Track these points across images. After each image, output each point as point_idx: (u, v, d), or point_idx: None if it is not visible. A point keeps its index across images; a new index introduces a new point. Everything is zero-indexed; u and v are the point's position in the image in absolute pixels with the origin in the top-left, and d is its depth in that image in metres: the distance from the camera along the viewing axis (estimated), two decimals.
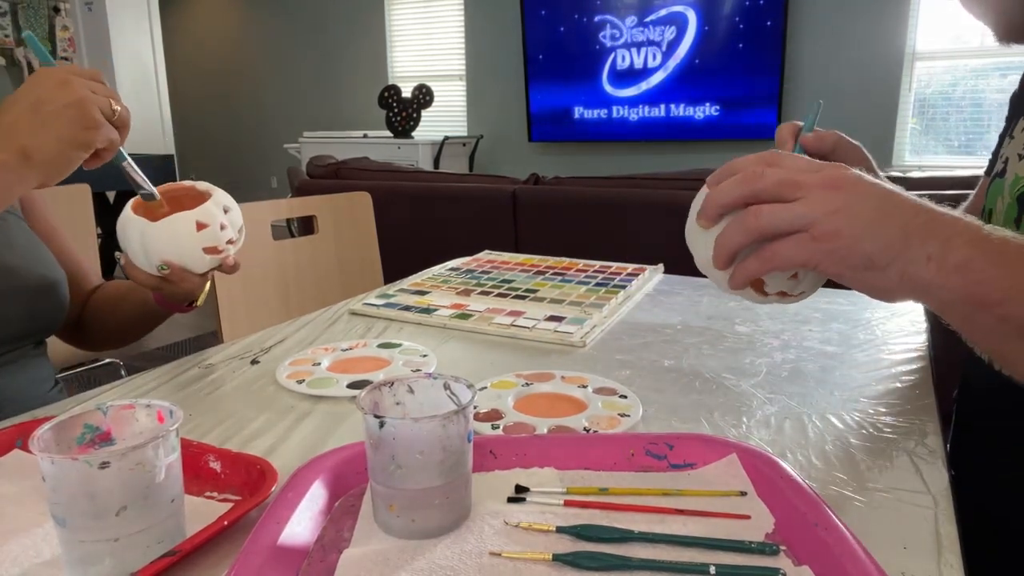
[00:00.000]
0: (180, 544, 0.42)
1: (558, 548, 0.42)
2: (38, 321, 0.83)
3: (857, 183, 0.47)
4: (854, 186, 0.46)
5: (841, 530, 0.40)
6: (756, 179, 0.48)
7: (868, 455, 0.56)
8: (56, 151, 0.62)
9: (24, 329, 0.82)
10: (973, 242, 0.45)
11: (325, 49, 6.17)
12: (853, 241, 0.45)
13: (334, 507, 0.47)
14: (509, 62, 5.34)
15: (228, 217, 0.76)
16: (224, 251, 0.75)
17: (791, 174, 0.47)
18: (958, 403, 0.83)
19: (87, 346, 0.94)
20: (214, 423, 0.63)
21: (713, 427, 0.62)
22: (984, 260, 0.44)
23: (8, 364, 0.81)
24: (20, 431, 0.57)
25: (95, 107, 0.63)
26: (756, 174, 0.48)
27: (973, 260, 0.44)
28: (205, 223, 0.73)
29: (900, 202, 0.46)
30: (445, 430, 0.43)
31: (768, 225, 0.47)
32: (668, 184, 2.17)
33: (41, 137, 0.61)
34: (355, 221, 1.46)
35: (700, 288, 1.10)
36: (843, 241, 0.45)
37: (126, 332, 0.95)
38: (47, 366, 0.88)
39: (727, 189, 0.49)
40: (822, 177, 0.47)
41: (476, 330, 0.90)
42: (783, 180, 0.47)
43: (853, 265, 0.46)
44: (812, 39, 4.40)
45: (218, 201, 0.75)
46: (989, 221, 0.72)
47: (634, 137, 5.00)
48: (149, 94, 5.37)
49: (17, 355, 0.82)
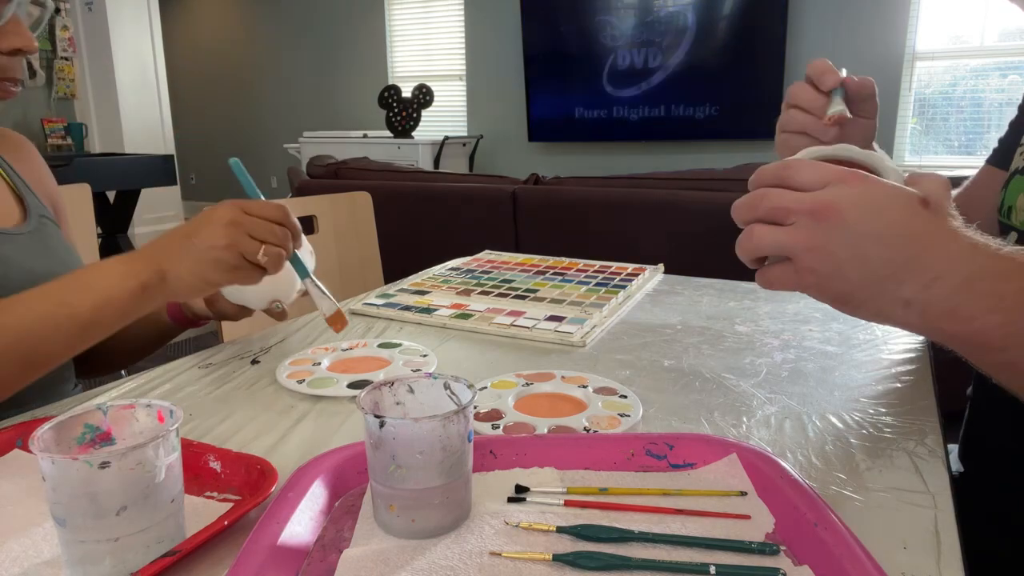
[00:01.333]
0: (180, 544, 0.42)
1: (558, 548, 0.42)
2: None
3: (844, 214, 0.45)
4: (840, 218, 0.45)
5: (841, 530, 0.40)
6: (756, 203, 0.48)
7: (868, 455, 0.56)
8: (189, 283, 0.65)
9: None
10: (966, 283, 0.43)
11: (325, 49, 6.17)
12: (826, 280, 0.46)
13: (334, 507, 0.47)
14: (509, 62, 5.34)
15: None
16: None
17: (784, 201, 0.47)
18: (972, 397, 0.83)
19: (86, 369, 0.92)
20: (214, 423, 0.63)
21: (713, 427, 0.62)
22: (976, 306, 0.43)
23: None
24: (20, 431, 0.57)
25: (237, 253, 0.65)
26: (758, 197, 0.48)
27: (960, 307, 0.43)
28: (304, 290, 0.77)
29: (881, 238, 0.44)
30: (445, 430, 0.43)
31: (758, 249, 0.48)
32: (668, 184, 2.17)
33: (180, 266, 0.64)
34: (355, 221, 1.46)
35: (700, 288, 1.10)
36: (817, 279, 0.46)
37: (134, 353, 0.95)
38: (69, 367, 0.88)
39: (738, 209, 0.50)
40: (812, 202, 0.46)
41: (476, 330, 0.90)
42: (776, 207, 0.47)
43: (832, 299, 0.48)
44: (812, 39, 4.40)
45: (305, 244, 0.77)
46: (1008, 218, 0.72)
47: (634, 137, 5.00)
48: (149, 94, 5.37)
49: None
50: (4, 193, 0.84)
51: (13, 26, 0.67)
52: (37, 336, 0.61)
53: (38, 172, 0.91)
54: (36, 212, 0.85)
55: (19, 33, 0.68)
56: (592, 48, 4.96)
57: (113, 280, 0.63)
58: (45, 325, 0.61)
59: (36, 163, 0.91)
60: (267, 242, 0.66)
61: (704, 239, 2.02)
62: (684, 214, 2.06)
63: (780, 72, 4.39)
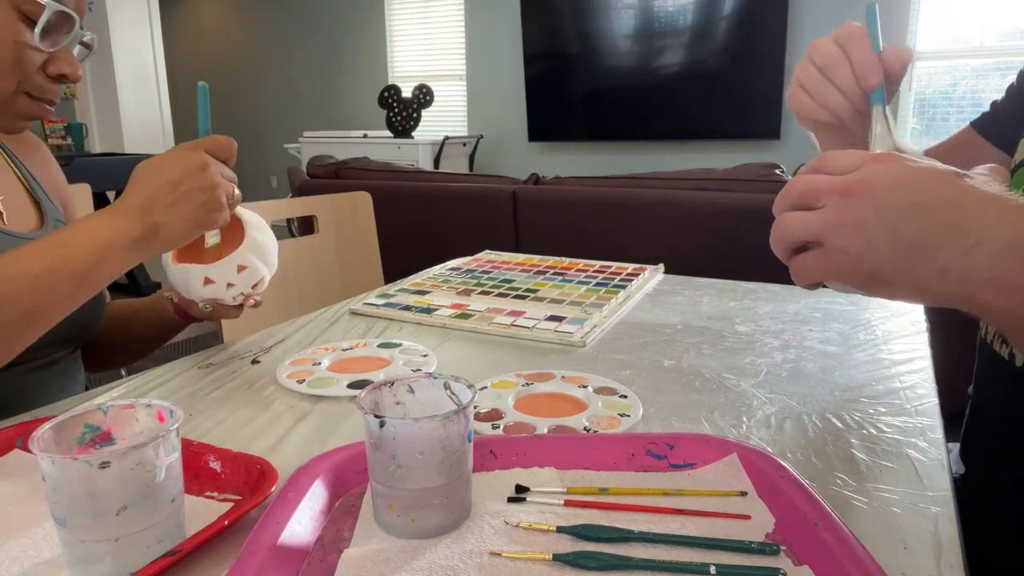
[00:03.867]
0: (180, 544, 0.42)
1: (558, 548, 0.42)
2: (83, 326, 0.86)
3: (875, 188, 0.43)
4: (870, 192, 0.43)
5: (841, 530, 0.40)
6: (789, 190, 0.48)
7: (868, 455, 0.56)
8: (182, 231, 0.67)
9: (71, 333, 0.84)
10: (1011, 248, 0.40)
11: (325, 49, 6.17)
12: (857, 258, 0.44)
13: (334, 507, 0.47)
14: (509, 62, 5.34)
15: (241, 276, 0.77)
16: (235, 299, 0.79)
17: (812, 183, 0.46)
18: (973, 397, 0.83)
19: (95, 363, 0.95)
20: (214, 423, 0.63)
21: (713, 427, 0.62)
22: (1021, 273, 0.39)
23: (51, 365, 0.83)
24: (20, 431, 0.57)
25: (223, 193, 0.69)
26: (790, 184, 0.48)
27: (1007, 275, 0.40)
28: (212, 280, 0.76)
29: (913, 206, 0.42)
30: (445, 430, 0.43)
31: (788, 237, 0.47)
32: (668, 184, 2.17)
33: (172, 216, 0.66)
34: (355, 221, 1.46)
35: (700, 288, 1.10)
36: (848, 258, 0.44)
37: (140, 348, 0.97)
38: (81, 368, 0.90)
39: (776, 204, 0.49)
40: (844, 182, 0.45)
41: (476, 330, 0.90)
42: (805, 191, 0.46)
43: (863, 279, 0.45)
44: (813, 38, 4.39)
45: (240, 254, 0.77)
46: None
47: (634, 137, 5.00)
48: (149, 94, 5.37)
49: (59, 357, 0.84)
50: (22, 197, 0.85)
51: (65, 54, 0.72)
52: (39, 290, 0.63)
53: (53, 175, 0.92)
54: (52, 216, 0.86)
55: (69, 62, 0.73)
56: (592, 48, 4.96)
57: (108, 235, 0.65)
58: (47, 280, 0.63)
59: (51, 166, 0.93)
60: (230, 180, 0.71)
61: (704, 239, 2.02)
62: (684, 214, 2.06)
63: (780, 72, 4.39)
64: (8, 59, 0.68)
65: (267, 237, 0.80)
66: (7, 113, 0.72)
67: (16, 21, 0.67)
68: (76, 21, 0.71)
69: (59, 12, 0.68)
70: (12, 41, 0.67)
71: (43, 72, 0.72)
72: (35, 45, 0.69)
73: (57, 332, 0.81)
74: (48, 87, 0.73)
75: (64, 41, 0.71)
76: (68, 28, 0.71)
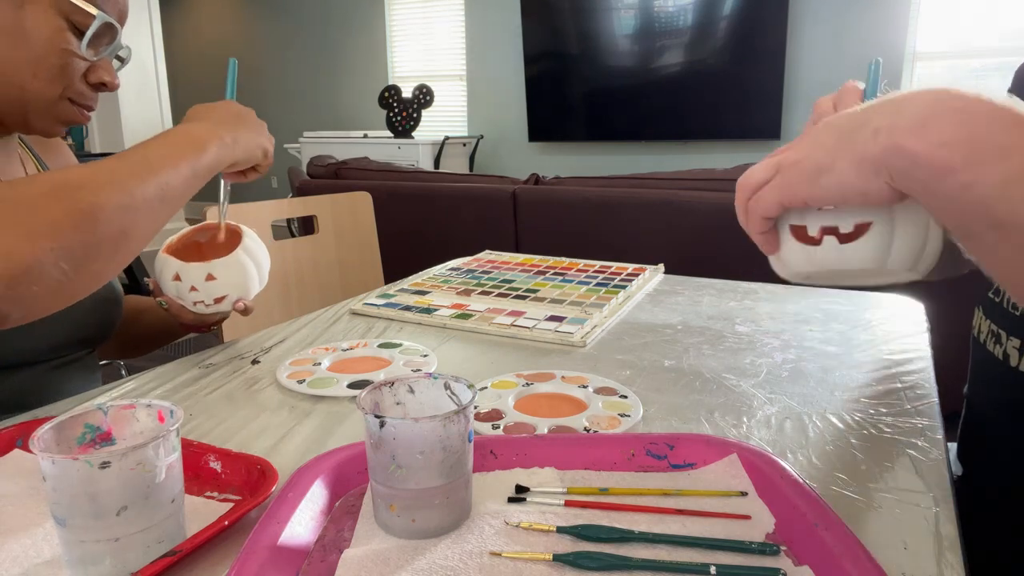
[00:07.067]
0: (180, 544, 0.42)
1: (558, 548, 0.42)
2: (102, 328, 0.87)
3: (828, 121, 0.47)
4: (813, 129, 0.47)
5: (842, 530, 0.40)
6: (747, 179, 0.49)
7: (868, 455, 0.56)
8: (249, 149, 0.75)
9: (91, 334, 0.86)
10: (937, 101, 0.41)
11: (325, 49, 6.17)
12: (805, 160, 0.46)
13: (334, 507, 0.47)
14: (509, 62, 5.33)
15: (207, 285, 0.79)
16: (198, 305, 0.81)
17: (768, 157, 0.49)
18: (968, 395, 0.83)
19: (106, 351, 0.98)
20: (214, 423, 0.63)
21: (713, 427, 0.62)
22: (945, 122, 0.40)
23: (69, 364, 0.84)
24: (20, 431, 0.57)
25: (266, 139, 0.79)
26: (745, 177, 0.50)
27: (929, 122, 0.40)
28: (179, 278, 0.79)
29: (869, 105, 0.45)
30: (445, 430, 0.43)
31: (745, 183, 0.49)
32: (668, 184, 2.17)
33: (244, 133, 0.74)
34: (355, 221, 1.46)
35: (700, 288, 1.10)
36: (797, 167, 0.46)
37: (145, 343, 1.00)
38: (98, 368, 0.91)
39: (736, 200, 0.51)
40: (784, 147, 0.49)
41: (476, 330, 0.90)
42: (765, 164, 0.49)
43: (811, 177, 0.45)
44: (812, 39, 4.40)
45: (213, 265, 0.79)
46: None
47: (634, 137, 5.00)
48: (149, 94, 5.36)
49: (77, 357, 0.86)
50: None
51: (105, 64, 0.76)
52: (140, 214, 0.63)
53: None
54: None
55: (108, 71, 0.76)
56: (592, 48, 4.95)
57: (203, 134, 0.69)
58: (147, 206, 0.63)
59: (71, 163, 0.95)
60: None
61: (704, 239, 2.02)
62: (684, 214, 2.06)
63: (780, 72, 4.39)
64: (56, 65, 0.70)
65: (250, 262, 0.81)
66: (49, 117, 0.74)
67: (66, 30, 0.69)
68: (119, 32, 0.74)
69: (105, 23, 0.71)
70: (61, 48, 0.70)
71: (84, 80, 0.74)
72: (81, 54, 0.71)
73: (77, 333, 0.83)
74: (88, 94, 0.75)
75: (106, 51, 0.74)
76: (110, 39, 0.73)
